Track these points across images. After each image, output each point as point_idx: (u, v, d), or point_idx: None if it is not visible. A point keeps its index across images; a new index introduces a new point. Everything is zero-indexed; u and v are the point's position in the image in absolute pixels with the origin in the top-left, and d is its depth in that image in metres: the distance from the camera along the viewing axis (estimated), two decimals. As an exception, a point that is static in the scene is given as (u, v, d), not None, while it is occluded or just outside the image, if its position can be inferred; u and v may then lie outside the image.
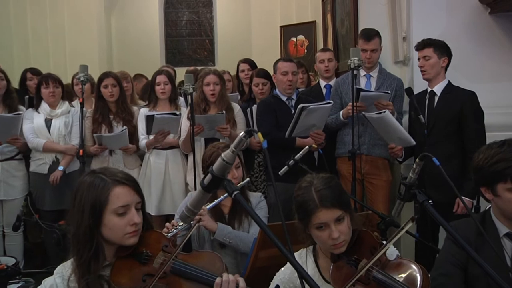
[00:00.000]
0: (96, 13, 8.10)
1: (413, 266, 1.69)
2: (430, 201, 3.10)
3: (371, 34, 3.75)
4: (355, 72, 3.33)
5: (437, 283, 1.88)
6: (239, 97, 4.63)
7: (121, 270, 1.62)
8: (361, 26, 4.57)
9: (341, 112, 3.72)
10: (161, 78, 4.00)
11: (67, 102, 4.13)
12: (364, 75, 3.83)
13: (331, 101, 3.54)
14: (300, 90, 4.12)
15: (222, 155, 1.41)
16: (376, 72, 3.84)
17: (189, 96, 3.59)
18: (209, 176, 1.42)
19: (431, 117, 3.36)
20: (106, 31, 8.62)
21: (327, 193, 1.72)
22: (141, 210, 1.66)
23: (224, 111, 3.67)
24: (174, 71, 5.07)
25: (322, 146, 3.48)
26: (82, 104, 3.61)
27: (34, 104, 4.10)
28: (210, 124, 3.66)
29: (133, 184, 1.63)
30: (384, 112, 3.24)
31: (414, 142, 3.32)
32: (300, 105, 3.31)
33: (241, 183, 2.40)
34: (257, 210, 2.64)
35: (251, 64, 4.75)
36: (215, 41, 9.27)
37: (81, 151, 3.44)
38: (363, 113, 3.42)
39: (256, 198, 2.71)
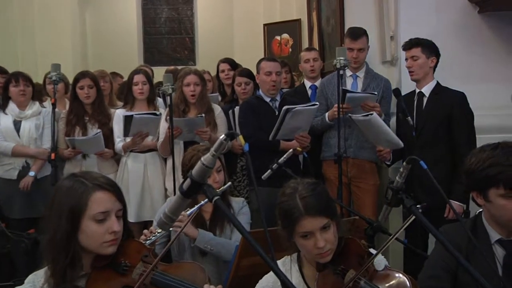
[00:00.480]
0: (70, 8, 7.99)
1: (402, 277, 1.69)
2: (419, 205, 3.13)
3: (358, 33, 3.79)
4: (341, 72, 3.35)
5: (425, 285, 1.89)
6: (219, 98, 4.63)
7: (98, 281, 1.59)
8: (348, 25, 4.61)
9: (326, 114, 3.75)
10: (139, 78, 3.97)
11: (37, 103, 4.07)
12: (350, 75, 3.86)
13: (317, 103, 3.56)
14: (284, 91, 4.13)
15: (202, 158, 1.41)
16: (363, 72, 3.87)
17: (168, 97, 3.57)
18: (188, 181, 1.41)
19: (419, 119, 3.40)
20: (80, 27, 8.53)
21: (313, 200, 1.71)
22: (122, 218, 1.64)
23: (203, 114, 3.67)
24: (152, 71, 5.04)
25: (307, 150, 3.49)
26: (54, 105, 3.56)
27: (1, 104, 4.02)
28: (189, 127, 3.65)
29: (115, 190, 1.61)
30: (372, 114, 3.27)
31: (402, 145, 3.36)
32: (285, 107, 3.33)
33: (222, 188, 2.40)
34: (239, 216, 2.63)
35: (232, 64, 4.75)
36: (195, 40, 9.26)
37: (52, 154, 3.39)
38: (350, 115, 3.44)
39: (238, 204, 2.70)
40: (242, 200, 2.79)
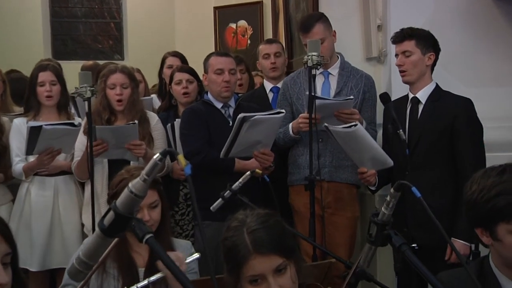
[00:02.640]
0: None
1: None
2: (415, 245, 3.19)
3: (309, 22, 3.85)
4: (314, 72, 3.40)
5: None
6: (156, 101, 4.63)
7: None
8: (323, 10, 4.62)
9: (290, 125, 3.79)
10: (45, 76, 3.95)
11: None
12: (320, 73, 3.88)
13: (283, 111, 3.56)
14: (240, 95, 4.16)
15: (130, 184, 1.42)
16: (337, 68, 3.93)
17: (86, 103, 3.54)
18: (111, 213, 1.42)
19: (414, 132, 3.44)
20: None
21: (263, 235, 1.75)
22: (10, 265, 1.61)
23: (136, 121, 3.66)
24: (60, 66, 4.97)
25: (269, 171, 3.53)
26: None
27: None
28: (117, 139, 3.63)
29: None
30: (356, 125, 3.28)
31: (391, 163, 3.39)
32: (241, 115, 3.33)
33: (189, 258, 2.40)
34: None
35: (183, 59, 4.79)
36: (124, 26, 9.21)
37: None
38: (326, 125, 3.46)
39: (184, 249, 2.71)
40: (189, 246, 2.81)
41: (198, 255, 2.48)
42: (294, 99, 3.91)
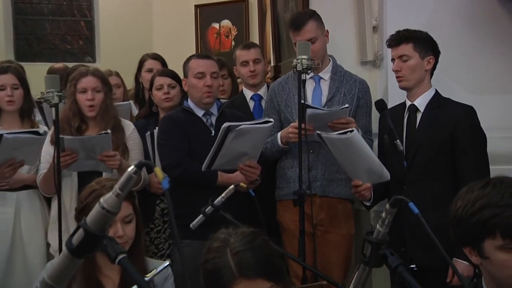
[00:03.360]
0: None
1: None
2: (413, 266, 3.21)
3: (301, 19, 3.87)
4: (304, 77, 3.41)
5: None
6: (134, 109, 4.62)
7: None
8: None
9: (278, 135, 3.80)
10: (6, 79, 3.95)
11: None
12: (311, 78, 3.89)
13: (271, 120, 3.58)
14: (223, 102, 4.17)
15: (102, 200, 1.42)
16: (329, 72, 3.95)
17: (53, 109, 3.54)
18: (80, 232, 1.41)
19: (412, 143, 3.46)
20: None
21: (249, 257, 1.76)
22: None
23: (109, 131, 3.65)
24: (23, 69, 4.95)
25: (255, 185, 3.54)
26: None
27: None
28: (88, 150, 3.61)
29: None
30: (352, 131, 3.28)
31: (388, 176, 3.40)
32: (226, 124, 3.34)
33: (153, 272, 2.39)
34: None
35: (164, 63, 4.80)
36: (95, 25, 9.15)
37: None
38: (318, 132, 3.46)
39: (162, 272, 2.69)
40: (167, 267, 2.79)
41: (168, 262, 2.45)
42: (282, 107, 3.93)
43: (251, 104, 4.39)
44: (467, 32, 3.94)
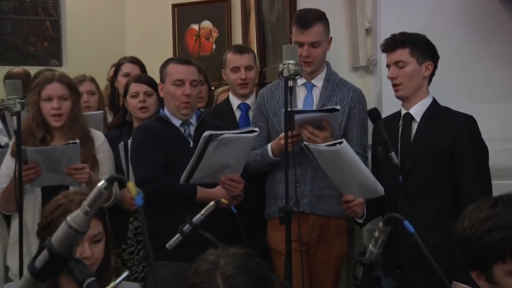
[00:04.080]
0: None
1: None
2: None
3: (309, 18, 3.86)
4: (291, 83, 3.38)
5: None
6: (107, 117, 4.62)
7: None
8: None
9: (269, 146, 3.81)
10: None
11: None
12: (303, 84, 3.93)
13: (256, 129, 3.55)
14: (202, 111, 4.18)
15: (68, 218, 1.41)
16: (322, 79, 3.96)
17: (15, 118, 3.52)
18: (44, 253, 1.41)
19: (407, 155, 3.47)
20: None
21: (241, 281, 1.76)
22: None
23: (77, 141, 3.64)
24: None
25: (238, 201, 3.54)
26: None
27: None
28: (54, 163, 3.59)
29: None
30: (342, 142, 3.28)
31: (382, 192, 3.40)
32: (207, 133, 3.33)
33: (120, 278, 2.38)
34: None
35: (143, 68, 4.77)
36: (62, 25, 9.14)
37: None
38: (305, 143, 3.48)
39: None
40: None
41: (127, 273, 2.43)
42: (270, 115, 3.95)
43: (238, 114, 4.38)
44: (468, 35, 3.97)
